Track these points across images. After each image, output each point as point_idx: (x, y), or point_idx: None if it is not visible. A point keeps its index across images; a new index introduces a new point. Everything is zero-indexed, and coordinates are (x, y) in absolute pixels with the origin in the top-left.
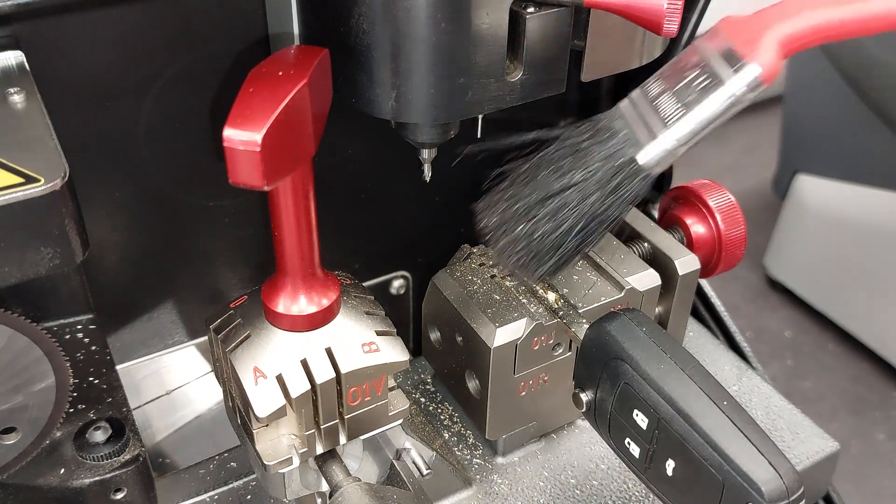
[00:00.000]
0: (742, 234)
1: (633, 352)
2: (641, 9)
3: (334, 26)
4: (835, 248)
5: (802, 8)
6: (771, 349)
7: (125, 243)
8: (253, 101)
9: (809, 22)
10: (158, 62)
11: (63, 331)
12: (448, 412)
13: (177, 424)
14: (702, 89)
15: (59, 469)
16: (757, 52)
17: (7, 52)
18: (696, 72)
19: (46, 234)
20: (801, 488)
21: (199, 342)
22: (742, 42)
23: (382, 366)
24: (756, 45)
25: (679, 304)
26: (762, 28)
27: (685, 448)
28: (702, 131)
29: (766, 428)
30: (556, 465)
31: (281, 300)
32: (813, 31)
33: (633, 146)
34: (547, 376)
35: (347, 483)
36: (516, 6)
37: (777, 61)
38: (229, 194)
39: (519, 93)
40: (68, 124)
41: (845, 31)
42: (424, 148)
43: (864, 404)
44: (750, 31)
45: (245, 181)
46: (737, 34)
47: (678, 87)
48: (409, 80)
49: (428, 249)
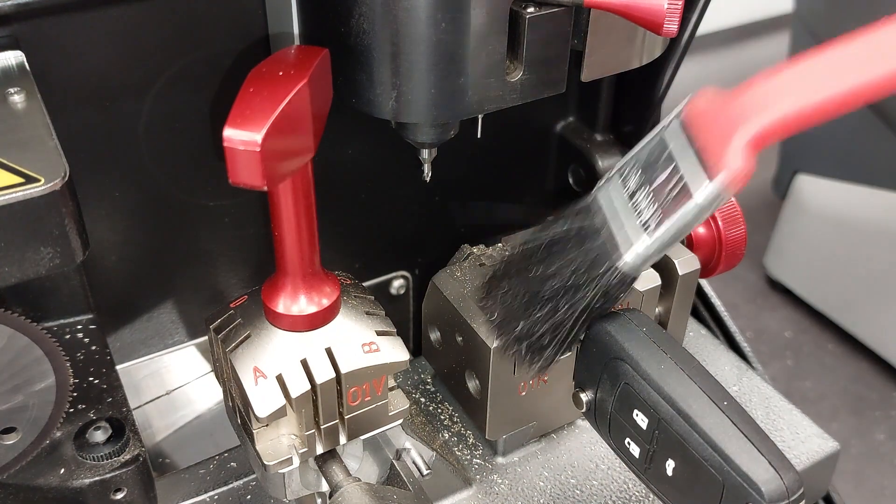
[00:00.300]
0: (742, 234)
1: (633, 352)
2: (641, 9)
3: (334, 26)
4: (835, 248)
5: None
6: (771, 349)
7: (125, 243)
8: (253, 101)
9: (780, 114)
10: (158, 62)
11: (63, 331)
12: (448, 412)
13: (177, 424)
14: (674, 197)
15: (59, 469)
16: (725, 161)
17: (7, 52)
18: (668, 170)
19: (46, 234)
20: (801, 488)
21: (199, 342)
22: (712, 144)
23: (382, 366)
24: (725, 150)
25: (679, 304)
26: (732, 126)
27: (685, 448)
28: (677, 238)
29: (766, 428)
30: (556, 465)
31: (281, 300)
32: (784, 125)
33: (613, 252)
34: (547, 376)
35: (347, 483)
36: (516, 6)
37: (746, 164)
38: (229, 194)
39: (519, 93)
40: (68, 124)
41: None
42: (424, 148)
43: (864, 404)
44: (720, 128)
45: (245, 181)
46: (707, 130)
47: (654, 185)
48: (409, 80)
49: (428, 249)
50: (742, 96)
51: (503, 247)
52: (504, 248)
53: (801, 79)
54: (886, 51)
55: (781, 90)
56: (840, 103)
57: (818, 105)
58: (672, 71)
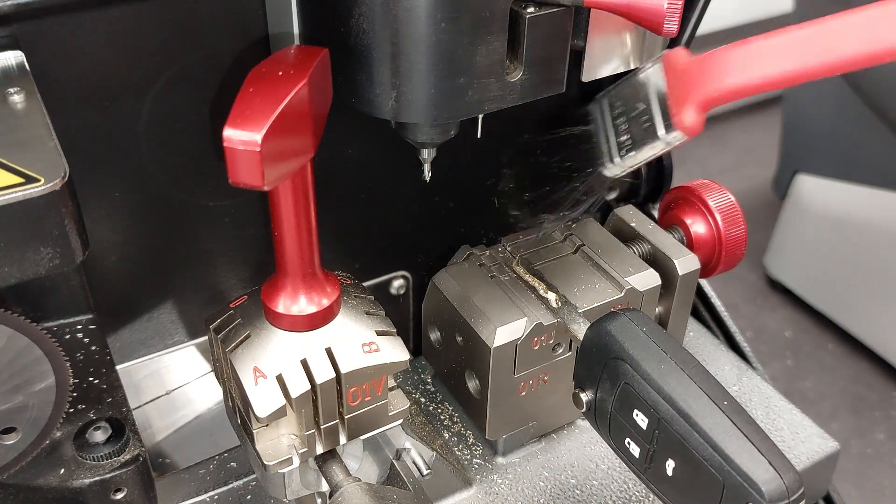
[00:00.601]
0: (742, 234)
1: (633, 352)
2: (641, 9)
3: (334, 26)
4: (835, 248)
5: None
6: (771, 349)
7: (125, 243)
8: (253, 101)
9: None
10: (158, 62)
11: (63, 331)
12: (448, 412)
13: (177, 424)
14: (644, 132)
15: (59, 469)
16: (683, 114)
17: (7, 52)
18: (642, 107)
19: (46, 234)
20: (801, 488)
21: (199, 342)
22: (675, 97)
23: (382, 366)
24: (683, 105)
25: (679, 304)
26: (691, 87)
27: (685, 448)
28: (645, 161)
29: (766, 428)
30: (556, 465)
31: (281, 300)
32: (730, 94)
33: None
34: (547, 376)
35: (347, 483)
36: (516, 6)
37: (698, 120)
38: (229, 194)
39: (519, 93)
40: (68, 124)
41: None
42: (424, 148)
43: (864, 404)
44: (683, 85)
45: (245, 181)
46: (674, 84)
47: (631, 114)
48: (409, 80)
49: (428, 249)
50: (704, 63)
51: (503, 246)
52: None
53: (754, 55)
54: (840, 35)
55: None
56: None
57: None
58: None
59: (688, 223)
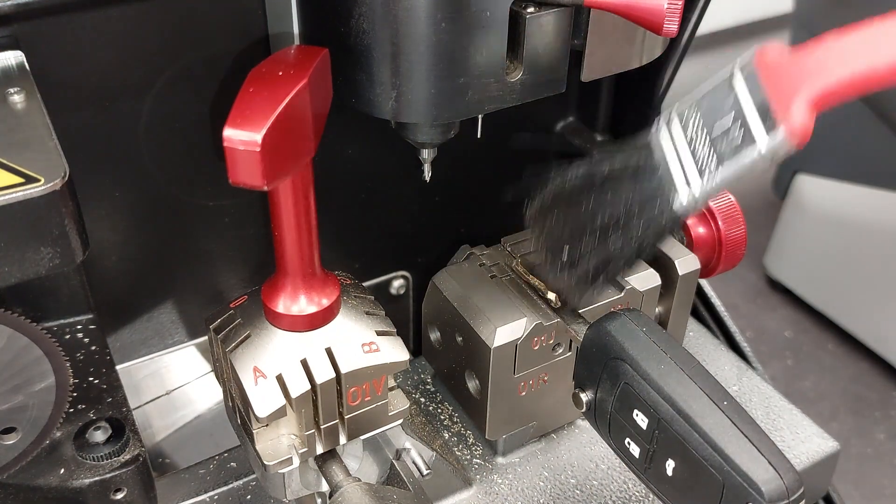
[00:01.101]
0: (742, 234)
1: (633, 352)
2: (641, 9)
3: (334, 26)
4: (835, 248)
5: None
6: (771, 349)
7: (125, 243)
8: (253, 101)
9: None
10: (158, 62)
11: (63, 331)
12: (448, 412)
13: (177, 424)
14: (736, 147)
15: (59, 469)
16: (789, 115)
17: (7, 52)
18: (730, 117)
19: (46, 234)
20: (801, 488)
21: (199, 342)
22: (778, 96)
23: (382, 366)
24: (790, 104)
25: (679, 304)
26: (798, 82)
27: (685, 448)
28: (731, 185)
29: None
30: (556, 465)
31: (281, 300)
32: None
33: (670, 191)
34: (547, 376)
35: (347, 483)
36: (516, 6)
37: (809, 122)
38: (229, 194)
39: (519, 93)
40: (68, 124)
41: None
42: (424, 148)
43: (864, 404)
44: (787, 82)
45: (245, 181)
46: (773, 83)
47: (714, 132)
48: (409, 80)
49: (428, 249)
50: (812, 54)
51: (503, 246)
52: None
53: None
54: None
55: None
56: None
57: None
58: (672, 71)
59: (688, 223)
